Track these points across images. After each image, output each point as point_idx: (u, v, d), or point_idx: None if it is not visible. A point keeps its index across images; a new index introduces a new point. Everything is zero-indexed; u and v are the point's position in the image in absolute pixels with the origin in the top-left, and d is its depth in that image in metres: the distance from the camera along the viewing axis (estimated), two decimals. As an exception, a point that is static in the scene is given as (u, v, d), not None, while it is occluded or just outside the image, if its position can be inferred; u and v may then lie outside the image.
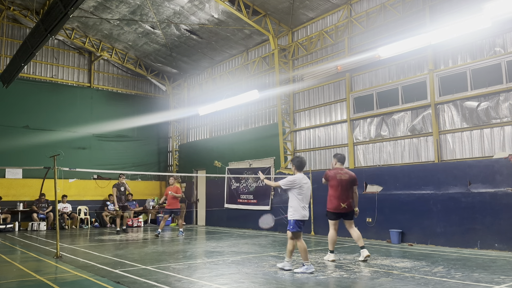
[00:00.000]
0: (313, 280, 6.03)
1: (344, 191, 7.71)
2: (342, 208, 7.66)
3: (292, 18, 14.09)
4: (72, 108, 18.54)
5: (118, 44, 18.62)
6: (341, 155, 8.11)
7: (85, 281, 6.13)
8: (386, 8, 11.80)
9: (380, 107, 11.85)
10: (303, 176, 6.68)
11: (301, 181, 6.56)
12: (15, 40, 17.73)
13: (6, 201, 16.05)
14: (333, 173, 7.79)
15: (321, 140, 13.52)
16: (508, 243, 8.67)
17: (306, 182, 6.63)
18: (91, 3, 15.26)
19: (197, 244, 11.21)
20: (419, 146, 10.90)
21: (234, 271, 6.83)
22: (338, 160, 8.02)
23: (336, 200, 7.69)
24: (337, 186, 7.71)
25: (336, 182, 7.72)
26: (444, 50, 10.54)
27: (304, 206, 6.54)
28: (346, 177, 7.78)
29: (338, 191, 7.69)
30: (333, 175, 7.77)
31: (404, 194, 10.71)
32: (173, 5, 14.63)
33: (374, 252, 8.85)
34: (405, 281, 5.89)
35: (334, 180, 7.75)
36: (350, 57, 12.40)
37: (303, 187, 6.54)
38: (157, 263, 7.77)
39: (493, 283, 5.65)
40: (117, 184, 14.22)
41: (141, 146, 20.24)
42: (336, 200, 7.68)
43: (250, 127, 16.44)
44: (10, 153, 16.44)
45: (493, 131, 9.56)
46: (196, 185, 19.15)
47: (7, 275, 6.62)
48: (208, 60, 18.24)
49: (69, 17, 8.54)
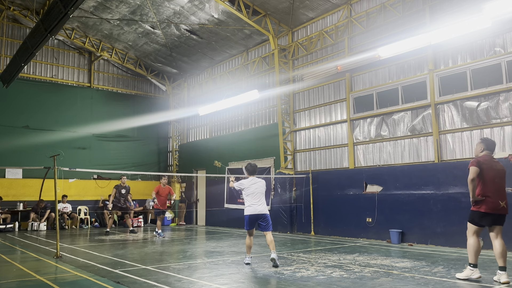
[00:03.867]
0: (313, 280, 6.03)
1: (502, 187, 5.96)
2: (501, 207, 5.84)
3: (292, 18, 14.09)
4: (72, 108, 18.54)
5: (118, 44, 18.62)
6: (491, 141, 6.23)
7: (85, 281, 6.13)
8: (386, 8, 11.80)
9: (380, 107, 11.85)
10: (252, 178, 7.64)
11: (249, 183, 7.55)
12: (15, 40, 17.73)
13: (6, 201, 16.04)
14: (487, 161, 5.96)
15: (321, 140, 13.52)
16: (508, 243, 8.62)
17: (255, 183, 7.56)
18: (91, 3, 15.26)
19: (197, 244, 11.21)
20: (419, 146, 10.90)
21: (234, 271, 6.83)
22: (487, 147, 6.13)
23: (492, 197, 5.82)
24: (493, 179, 5.87)
25: (493, 173, 5.90)
26: (444, 50, 10.54)
27: (253, 203, 7.45)
28: (501, 168, 6.04)
29: (495, 186, 5.87)
30: (487, 163, 5.93)
31: (404, 194, 10.71)
32: (173, 5, 14.63)
33: (374, 252, 8.86)
34: (405, 281, 5.89)
35: (490, 170, 5.90)
36: (350, 57, 12.40)
37: (250, 188, 7.52)
38: (157, 263, 7.77)
39: (493, 283, 5.64)
40: (118, 185, 14.18)
41: (141, 146, 20.24)
42: (493, 197, 5.82)
43: (250, 127, 16.44)
44: (10, 153, 16.44)
45: (493, 131, 9.56)
46: (196, 185, 19.15)
47: (7, 275, 6.62)
48: (208, 60, 18.24)
49: (69, 17, 8.54)
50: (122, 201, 14.09)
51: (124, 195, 14.13)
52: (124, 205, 14.22)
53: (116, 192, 14.01)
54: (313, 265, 7.24)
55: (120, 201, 14.04)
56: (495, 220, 5.83)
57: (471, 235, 5.91)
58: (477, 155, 6.16)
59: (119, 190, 14.04)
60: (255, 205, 7.44)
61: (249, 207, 7.48)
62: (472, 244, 5.86)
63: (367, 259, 7.95)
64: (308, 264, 7.36)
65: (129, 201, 14.52)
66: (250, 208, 7.46)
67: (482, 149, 6.10)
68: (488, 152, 6.07)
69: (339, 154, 12.91)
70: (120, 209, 14.26)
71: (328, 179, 12.86)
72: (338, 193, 12.42)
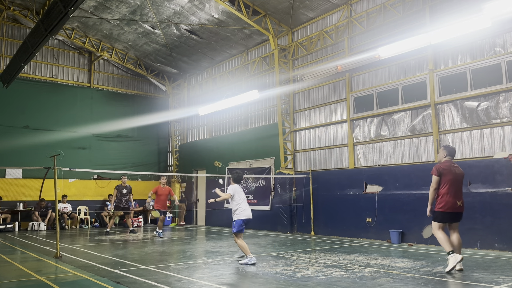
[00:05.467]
0: (313, 280, 6.03)
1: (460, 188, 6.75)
2: (458, 206, 6.62)
3: (292, 18, 14.09)
4: (72, 108, 18.55)
5: (118, 44, 18.62)
6: (452, 147, 7.09)
7: (85, 281, 6.13)
8: (386, 8, 11.80)
9: (380, 107, 11.85)
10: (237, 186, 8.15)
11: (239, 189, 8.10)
12: (15, 40, 17.73)
13: (6, 201, 16.05)
14: (447, 166, 6.73)
15: (321, 140, 13.52)
16: (508, 243, 8.67)
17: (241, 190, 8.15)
18: (91, 3, 15.26)
19: (197, 244, 11.21)
20: (419, 146, 10.90)
21: (234, 271, 6.83)
22: (449, 153, 6.92)
23: (452, 197, 6.60)
24: (451, 181, 6.63)
25: (452, 177, 6.66)
26: (444, 50, 10.54)
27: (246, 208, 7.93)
28: (460, 172, 6.81)
29: (453, 188, 6.63)
30: (447, 168, 6.70)
31: (404, 194, 10.71)
32: (173, 5, 14.63)
33: (374, 252, 8.86)
34: (405, 281, 5.89)
35: (449, 174, 6.67)
36: (350, 57, 12.40)
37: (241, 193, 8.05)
38: (157, 263, 7.77)
39: (493, 283, 5.65)
40: (119, 186, 14.14)
41: (141, 146, 20.25)
42: (452, 197, 6.60)
43: (250, 127, 16.44)
44: (10, 153, 16.45)
45: (493, 131, 9.56)
46: (196, 185, 19.15)
47: (7, 275, 6.62)
48: (208, 60, 18.25)
49: (69, 17, 8.54)
50: (123, 201, 14.05)
51: (125, 195, 14.09)
52: (126, 205, 14.17)
53: (117, 193, 13.98)
54: (313, 265, 7.24)
55: (122, 202, 14.00)
56: (454, 218, 6.70)
57: (437, 231, 6.70)
58: (440, 160, 6.99)
59: (120, 190, 14.02)
60: (247, 210, 7.95)
61: (244, 211, 7.90)
62: (441, 238, 6.63)
63: (367, 259, 7.95)
64: (308, 264, 7.36)
65: (130, 201, 14.48)
66: (245, 212, 7.90)
67: (445, 155, 6.92)
68: (449, 157, 6.90)
69: (339, 154, 12.91)
70: (122, 209, 14.23)
71: (328, 179, 12.85)
72: (338, 193, 12.42)
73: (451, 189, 6.62)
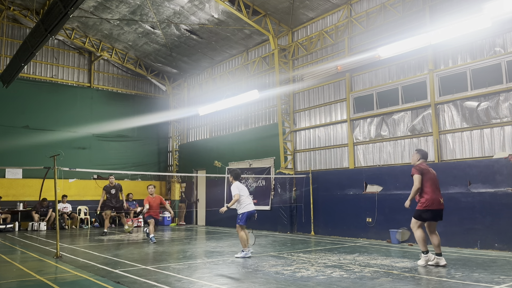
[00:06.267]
0: (313, 280, 6.03)
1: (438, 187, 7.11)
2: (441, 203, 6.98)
3: (292, 18, 14.09)
4: (72, 108, 18.54)
5: (118, 44, 18.62)
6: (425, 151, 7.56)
7: (85, 281, 6.13)
8: (386, 8, 11.81)
9: (380, 107, 11.85)
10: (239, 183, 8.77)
11: (242, 186, 8.74)
12: (15, 40, 17.73)
13: (6, 201, 16.05)
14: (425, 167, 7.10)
15: (321, 140, 13.52)
16: (508, 243, 8.67)
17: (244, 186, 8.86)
18: (91, 3, 15.26)
19: (197, 244, 11.21)
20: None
21: (234, 271, 6.83)
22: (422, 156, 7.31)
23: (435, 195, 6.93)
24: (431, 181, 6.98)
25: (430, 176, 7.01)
26: (444, 50, 10.54)
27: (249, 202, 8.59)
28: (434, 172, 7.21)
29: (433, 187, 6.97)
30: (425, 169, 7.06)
31: (404, 194, 10.65)
32: (173, 5, 14.63)
33: (374, 252, 8.86)
34: (405, 281, 5.89)
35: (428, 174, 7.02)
36: (350, 57, 12.40)
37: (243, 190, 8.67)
38: (157, 263, 7.77)
39: (493, 283, 5.65)
40: (107, 186, 13.78)
41: (141, 146, 20.24)
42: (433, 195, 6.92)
43: (250, 127, 16.44)
44: (10, 153, 16.45)
45: (493, 131, 9.56)
46: (196, 185, 19.15)
47: (7, 275, 6.62)
48: (208, 60, 18.25)
49: (69, 17, 8.54)
50: (113, 201, 13.71)
51: (114, 195, 13.77)
52: (117, 204, 13.83)
53: (106, 194, 13.68)
54: (313, 265, 7.24)
55: (111, 201, 13.67)
56: (436, 215, 6.96)
57: (416, 229, 6.99)
58: (414, 163, 7.28)
59: (109, 190, 13.70)
60: (251, 204, 8.57)
61: (248, 205, 8.50)
62: (419, 236, 6.92)
63: (367, 259, 7.95)
64: (308, 264, 7.36)
65: (122, 199, 14.11)
66: (249, 205, 8.51)
67: (419, 158, 7.25)
68: (423, 160, 7.25)
69: (339, 154, 12.91)
70: (113, 208, 13.96)
71: (328, 179, 12.85)
72: (338, 193, 12.42)
73: (433, 187, 6.96)
